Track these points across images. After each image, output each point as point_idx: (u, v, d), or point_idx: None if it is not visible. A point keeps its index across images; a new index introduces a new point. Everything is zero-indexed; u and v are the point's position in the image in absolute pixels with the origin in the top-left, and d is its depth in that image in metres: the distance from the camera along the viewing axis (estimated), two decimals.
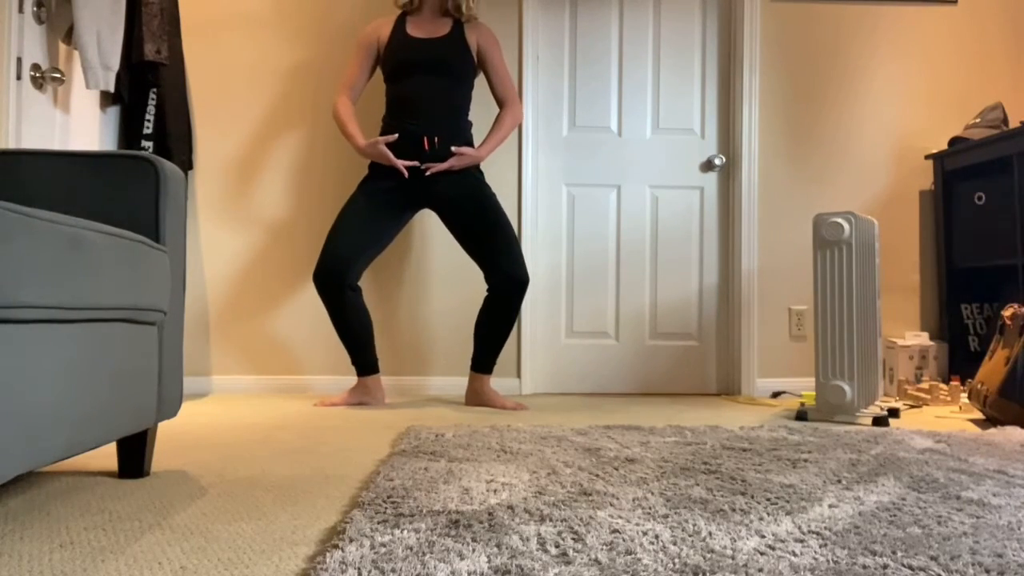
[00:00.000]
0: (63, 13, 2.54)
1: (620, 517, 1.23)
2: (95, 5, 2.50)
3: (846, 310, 2.54)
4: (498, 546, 1.06)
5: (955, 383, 2.97)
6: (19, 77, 2.31)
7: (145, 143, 3.01)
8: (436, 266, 3.31)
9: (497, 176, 3.31)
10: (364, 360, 2.87)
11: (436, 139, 2.82)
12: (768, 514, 1.25)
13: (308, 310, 3.28)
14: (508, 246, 2.81)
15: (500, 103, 2.97)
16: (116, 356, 1.35)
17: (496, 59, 2.95)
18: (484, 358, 2.87)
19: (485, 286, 2.87)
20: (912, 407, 2.93)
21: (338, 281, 2.76)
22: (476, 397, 2.87)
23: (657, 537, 1.12)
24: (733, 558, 1.03)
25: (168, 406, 1.63)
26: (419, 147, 2.82)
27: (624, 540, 1.10)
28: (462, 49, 2.88)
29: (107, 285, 1.26)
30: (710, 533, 1.14)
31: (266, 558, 1.07)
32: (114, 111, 3.03)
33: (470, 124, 2.94)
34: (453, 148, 2.81)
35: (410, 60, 2.84)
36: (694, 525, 1.18)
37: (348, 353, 2.89)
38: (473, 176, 2.88)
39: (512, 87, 2.96)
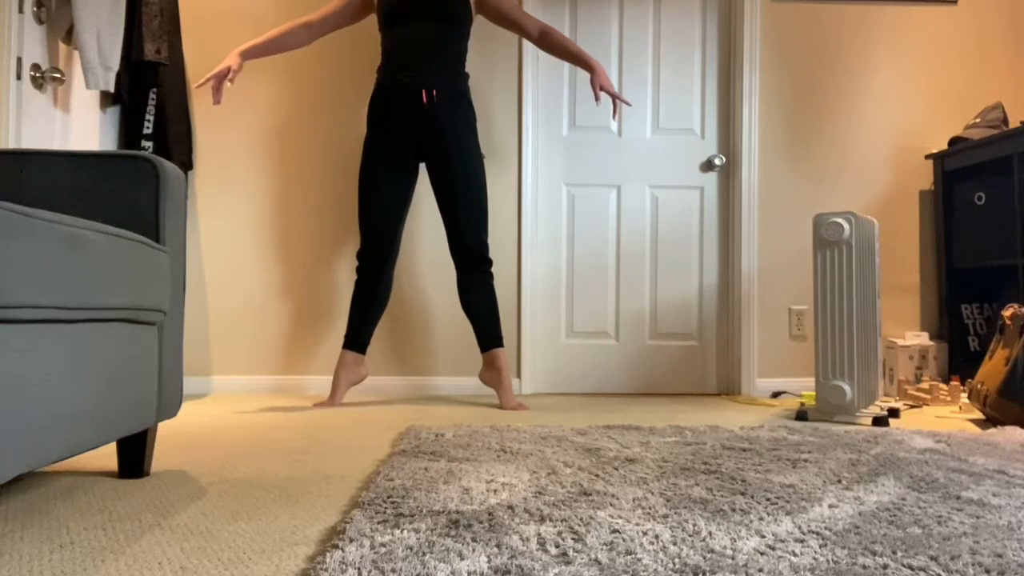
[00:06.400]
0: (63, 13, 2.54)
1: (620, 517, 1.23)
2: (95, 5, 2.50)
3: (846, 310, 2.54)
4: (498, 546, 1.06)
5: (955, 383, 2.97)
6: (19, 77, 2.31)
7: (145, 143, 3.01)
8: (439, 267, 3.31)
9: (497, 176, 3.32)
10: (364, 336, 2.82)
11: (434, 91, 2.74)
12: (768, 514, 1.25)
13: (309, 310, 3.28)
14: (475, 216, 2.77)
15: (532, 27, 2.85)
16: (116, 356, 1.35)
17: None
18: (484, 334, 2.81)
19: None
20: (912, 407, 2.93)
21: (385, 253, 2.76)
22: (490, 375, 2.82)
23: (657, 537, 1.12)
24: (733, 558, 1.03)
25: (168, 406, 1.63)
26: (416, 100, 2.74)
27: (624, 540, 1.10)
28: None
29: (107, 285, 1.26)
30: (710, 533, 1.14)
31: (266, 558, 1.07)
32: (114, 111, 3.03)
33: (467, 76, 2.85)
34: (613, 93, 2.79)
35: (405, 4, 2.74)
36: (694, 525, 1.18)
37: (351, 326, 2.81)
38: (467, 133, 2.77)
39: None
